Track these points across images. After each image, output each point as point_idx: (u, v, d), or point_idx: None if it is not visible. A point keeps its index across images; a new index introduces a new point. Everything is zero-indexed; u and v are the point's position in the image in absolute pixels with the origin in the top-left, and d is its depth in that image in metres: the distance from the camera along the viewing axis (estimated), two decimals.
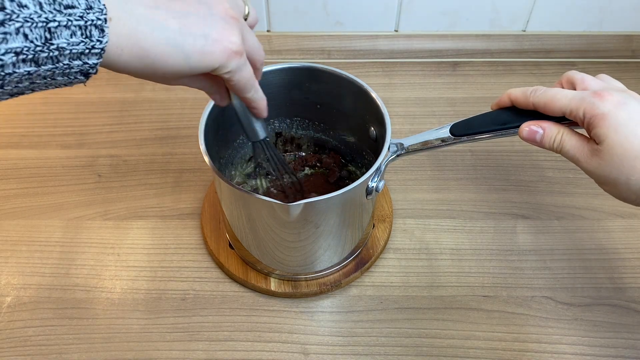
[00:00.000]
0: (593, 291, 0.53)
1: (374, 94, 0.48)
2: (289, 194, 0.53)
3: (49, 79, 0.28)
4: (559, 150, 0.39)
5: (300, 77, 0.51)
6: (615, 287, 0.53)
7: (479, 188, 0.61)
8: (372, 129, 0.50)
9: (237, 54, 0.34)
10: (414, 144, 0.46)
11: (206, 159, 0.43)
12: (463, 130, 0.44)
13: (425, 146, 0.46)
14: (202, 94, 0.75)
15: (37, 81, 0.27)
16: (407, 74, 0.75)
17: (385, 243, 0.55)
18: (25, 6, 0.24)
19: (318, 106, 0.54)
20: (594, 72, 0.75)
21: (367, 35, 0.77)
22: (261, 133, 0.43)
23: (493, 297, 0.52)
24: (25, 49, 0.25)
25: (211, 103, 0.46)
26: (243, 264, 0.53)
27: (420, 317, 0.51)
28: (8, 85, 0.26)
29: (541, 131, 0.39)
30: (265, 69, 0.48)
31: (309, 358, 0.48)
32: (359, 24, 0.76)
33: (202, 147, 0.44)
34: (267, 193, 0.56)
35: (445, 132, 0.44)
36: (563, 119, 0.39)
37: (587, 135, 0.38)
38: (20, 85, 0.27)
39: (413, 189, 0.61)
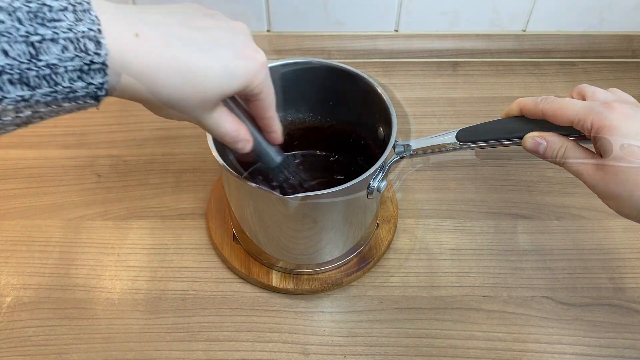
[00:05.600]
0: (593, 291, 0.52)
1: (383, 93, 0.48)
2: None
3: (54, 106, 0.26)
4: (561, 163, 0.39)
5: (315, 74, 0.51)
6: (615, 287, 0.53)
7: (479, 188, 0.61)
8: (381, 129, 0.50)
9: (264, 64, 0.34)
10: (420, 147, 0.46)
11: (214, 153, 0.43)
12: (469, 136, 0.44)
13: (431, 150, 0.46)
14: None
15: (41, 109, 0.25)
16: (407, 74, 0.75)
17: (389, 244, 0.55)
18: (1, 21, 0.22)
19: (331, 103, 0.54)
20: (594, 72, 0.76)
21: (367, 35, 0.77)
22: (277, 157, 0.42)
23: (493, 297, 0.52)
24: (8, 67, 0.23)
25: None
26: (246, 258, 0.53)
27: (420, 317, 0.51)
28: (6, 116, 0.24)
29: (544, 143, 0.39)
30: (282, 62, 0.49)
31: (309, 358, 0.48)
32: (359, 24, 0.76)
33: (210, 141, 0.44)
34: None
35: (451, 138, 0.44)
36: (571, 132, 0.39)
37: (593, 150, 0.38)
38: (21, 115, 0.25)
39: (413, 189, 0.61)
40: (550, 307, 0.51)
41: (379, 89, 0.48)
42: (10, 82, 0.23)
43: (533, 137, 0.39)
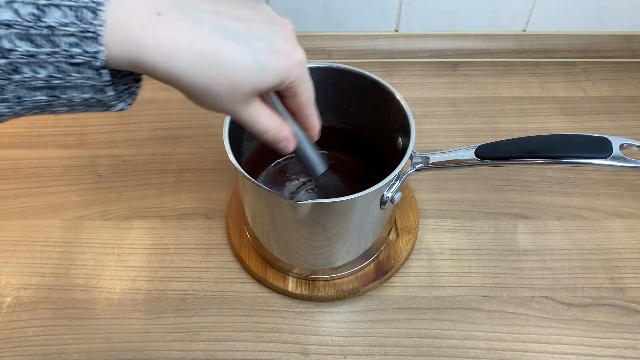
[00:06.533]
0: (593, 291, 0.53)
1: (404, 103, 0.47)
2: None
3: (63, 74, 0.27)
4: None
5: (335, 78, 0.50)
6: (615, 287, 0.53)
7: (479, 188, 0.61)
8: (400, 139, 0.49)
9: (301, 61, 0.33)
10: (438, 161, 0.46)
11: (230, 156, 0.43)
12: (489, 153, 0.44)
13: (450, 165, 0.45)
14: None
15: (55, 75, 0.27)
16: (407, 74, 0.75)
17: (408, 255, 0.55)
18: None
19: (352, 109, 0.53)
20: (594, 72, 0.76)
21: (367, 35, 0.77)
22: (321, 166, 0.41)
23: (493, 297, 0.52)
24: (17, 23, 0.25)
25: None
26: (263, 262, 0.53)
27: (420, 317, 0.51)
28: (25, 72, 0.26)
29: None
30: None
31: (309, 358, 0.48)
32: (359, 24, 0.76)
33: (227, 144, 0.43)
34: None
35: (470, 154, 0.44)
36: None
37: None
38: (38, 75, 0.26)
39: (413, 189, 0.61)
40: (550, 307, 0.51)
41: (398, 96, 0.47)
42: (19, 37, 0.25)
43: None
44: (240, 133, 0.49)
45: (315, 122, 0.38)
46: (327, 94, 0.51)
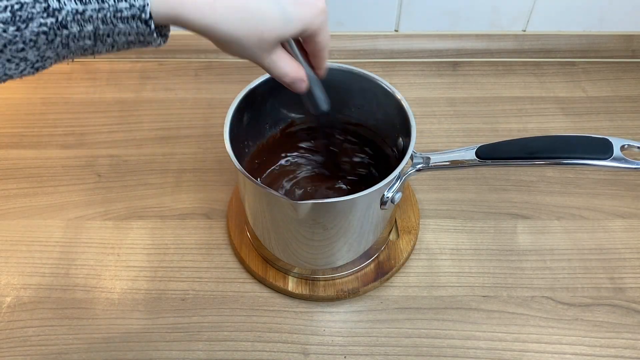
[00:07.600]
0: (593, 291, 0.53)
1: (404, 103, 0.47)
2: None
3: (110, 25, 0.29)
4: None
5: (335, 78, 0.50)
6: (615, 287, 0.53)
7: (479, 188, 0.61)
8: (400, 139, 0.49)
9: (323, 10, 0.35)
10: (439, 162, 0.46)
11: (231, 156, 0.43)
12: (489, 154, 0.44)
13: (450, 165, 0.46)
14: (202, 94, 0.74)
15: (100, 26, 0.28)
16: (407, 74, 0.75)
17: (408, 255, 0.55)
18: None
19: (352, 109, 0.53)
20: (594, 72, 0.76)
21: (367, 35, 0.77)
22: (326, 104, 0.44)
23: (493, 297, 0.52)
24: None
25: (237, 98, 0.46)
26: (263, 262, 0.53)
27: (420, 317, 0.51)
28: (72, 27, 0.28)
29: None
30: None
31: (309, 358, 0.48)
32: (359, 24, 0.76)
33: (227, 144, 0.44)
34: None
35: (471, 154, 0.44)
36: None
37: None
38: (85, 29, 0.28)
39: (413, 189, 0.61)
40: (550, 307, 0.51)
41: (399, 96, 0.47)
42: None
43: None
44: (240, 127, 0.49)
45: (325, 64, 0.41)
46: (328, 94, 0.51)
